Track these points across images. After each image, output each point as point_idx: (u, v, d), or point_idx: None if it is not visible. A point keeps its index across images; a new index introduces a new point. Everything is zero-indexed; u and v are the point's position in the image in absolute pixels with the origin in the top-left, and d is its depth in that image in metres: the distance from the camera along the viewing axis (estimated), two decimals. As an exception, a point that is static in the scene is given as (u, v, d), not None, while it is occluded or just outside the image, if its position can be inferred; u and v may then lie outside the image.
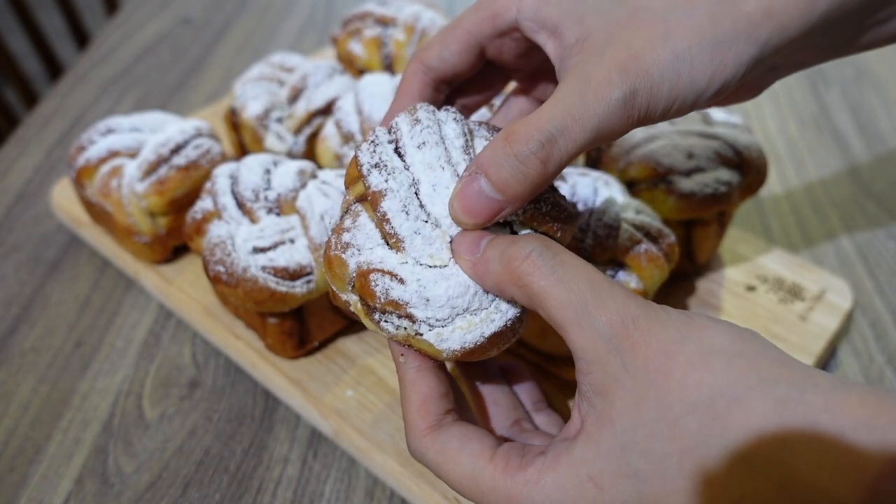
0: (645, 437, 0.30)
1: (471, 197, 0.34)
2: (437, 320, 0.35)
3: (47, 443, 0.57)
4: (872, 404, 0.28)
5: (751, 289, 0.65)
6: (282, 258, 0.54)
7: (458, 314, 0.35)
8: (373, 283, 0.35)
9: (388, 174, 0.36)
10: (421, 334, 0.35)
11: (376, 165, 0.36)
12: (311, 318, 0.58)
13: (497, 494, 0.32)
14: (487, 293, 0.35)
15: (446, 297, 0.34)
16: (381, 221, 0.36)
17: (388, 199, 0.35)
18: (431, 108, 0.39)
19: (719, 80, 0.35)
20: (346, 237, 0.37)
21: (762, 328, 0.61)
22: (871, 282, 0.71)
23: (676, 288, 0.65)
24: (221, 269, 0.54)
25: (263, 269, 0.54)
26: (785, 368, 0.29)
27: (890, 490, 0.26)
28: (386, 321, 0.36)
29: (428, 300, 0.34)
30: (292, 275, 0.54)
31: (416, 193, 0.36)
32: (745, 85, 0.42)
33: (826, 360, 0.63)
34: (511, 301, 0.36)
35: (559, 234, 0.37)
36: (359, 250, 0.36)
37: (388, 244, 0.36)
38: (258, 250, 0.55)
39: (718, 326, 0.31)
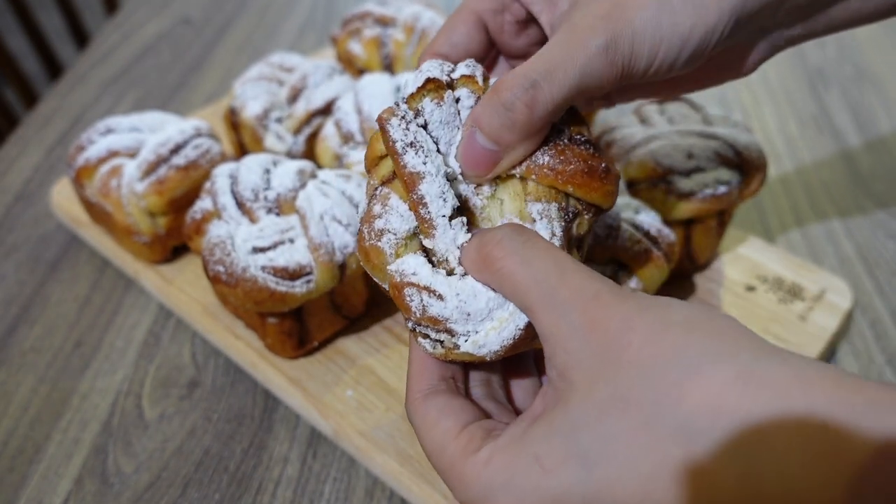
0: (596, 416, 0.28)
1: (469, 150, 0.35)
2: (475, 331, 0.35)
3: (47, 443, 0.57)
4: (850, 386, 0.25)
5: (750, 289, 0.65)
6: (281, 258, 0.54)
7: (488, 316, 0.35)
8: (408, 299, 0.34)
9: (426, 156, 0.35)
10: (458, 347, 0.35)
11: (411, 145, 0.35)
12: (310, 318, 0.58)
13: (453, 472, 0.32)
14: None
15: (487, 309, 0.34)
16: (417, 205, 0.35)
17: (427, 183, 0.35)
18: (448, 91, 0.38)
19: (702, 27, 0.35)
20: (378, 224, 0.36)
21: (762, 328, 0.61)
22: (870, 282, 0.71)
23: (676, 288, 0.65)
24: (221, 268, 0.54)
25: (263, 268, 0.53)
26: (751, 341, 0.27)
27: (880, 486, 0.23)
28: (423, 335, 0.36)
29: (469, 315, 0.34)
30: (292, 275, 0.54)
31: (447, 177, 0.36)
32: (733, 55, 0.42)
33: (826, 361, 0.63)
34: None
35: (570, 189, 0.36)
36: (395, 234, 0.35)
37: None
38: (258, 250, 0.55)
39: (681, 303, 0.29)
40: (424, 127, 0.36)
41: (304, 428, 0.57)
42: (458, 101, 0.38)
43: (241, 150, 0.76)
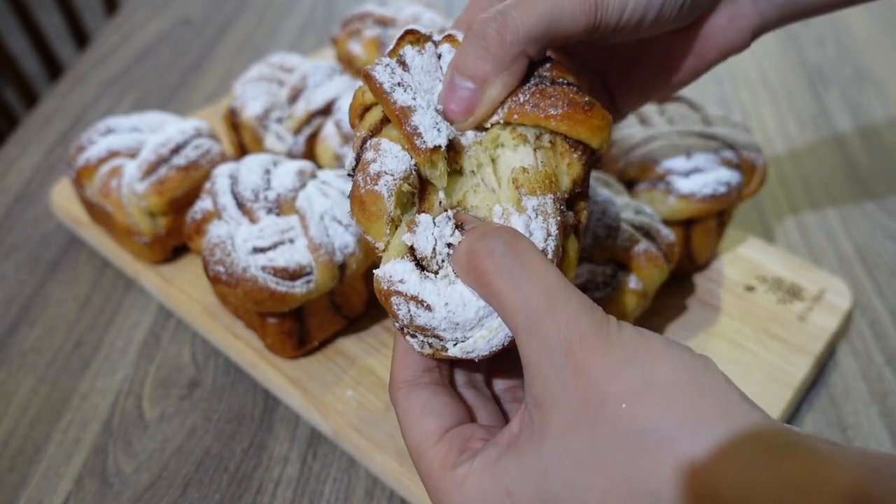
0: (570, 465, 0.28)
1: (449, 91, 0.36)
2: (464, 337, 0.34)
3: (47, 443, 0.57)
4: (823, 463, 0.25)
5: (750, 289, 0.65)
6: (281, 258, 0.54)
7: (478, 325, 0.34)
8: (395, 307, 0.34)
9: (414, 92, 0.35)
10: (447, 349, 0.35)
11: (399, 84, 0.35)
12: (310, 318, 0.58)
13: (430, 480, 0.33)
14: None
15: (477, 318, 0.33)
16: (412, 136, 0.34)
17: (419, 115, 0.34)
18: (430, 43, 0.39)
19: None
20: (373, 168, 0.35)
21: (761, 328, 0.62)
22: (870, 282, 0.71)
23: (676, 288, 0.65)
24: (221, 269, 0.54)
25: (263, 269, 0.54)
26: (731, 410, 0.27)
27: None
28: (411, 335, 0.36)
29: (458, 324, 0.33)
30: (292, 275, 0.54)
31: (440, 112, 0.36)
32: (724, 23, 0.42)
33: (825, 361, 0.63)
34: None
35: (552, 124, 0.36)
36: (392, 176, 0.34)
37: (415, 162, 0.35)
38: (258, 250, 0.55)
39: (669, 353, 0.29)
40: (409, 70, 0.37)
41: (304, 428, 0.57)
42: (440, 57, 0.38)
43: (242, 151, 0.76)
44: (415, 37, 0.37)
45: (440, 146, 0.34)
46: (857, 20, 1.14)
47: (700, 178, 0.60)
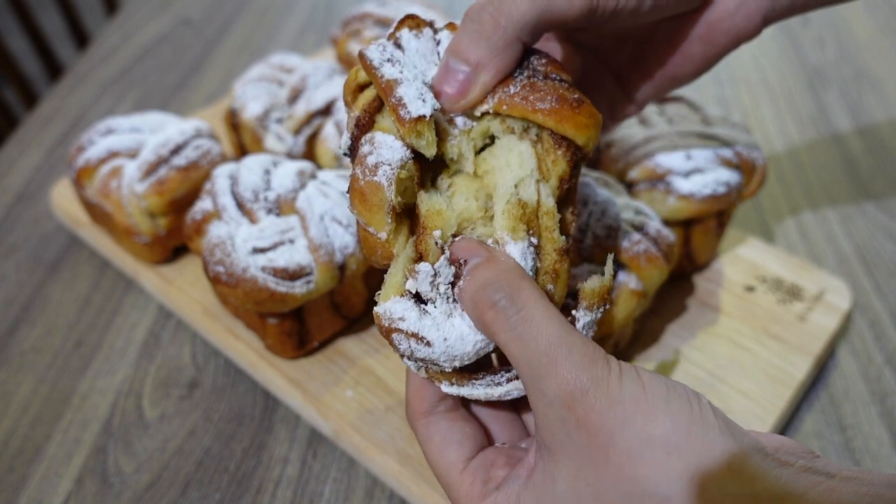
0: None
1: (443, 74, 0.36)
2: (464, 366, 0.36)
3: (47, 443, 0.57)
4: None
5: (750, 289, 0.65)
6: (281, 258, 0.54)
7: (475, 356, 0.36)
8: (396, 342, 0.35)
9: (402, 66, 0.36)
10: (444, 371, 0.37)
11: (388, 60, 0.36)
12: (310, 319, 0.58)
13: None
14: None
15: (475, 350, 0.35)
16: (396, 108, 0.35)
17: (404, 87, 0.35)
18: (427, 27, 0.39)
19: None
20: (371, 160, 0.36)
21: (761, 328, 0.62)
22: (869, 282, 0.71)
23: (676, 288, 0.65)
24: (221, 269, 0.54)
25: (263, 269, 0.54)
26: (727, 473, 0.29)
27: None
28: (410, 362, 0.37)
29: (456, 356, 0.35)
30: (292, 275, 0.54)
31: (428, 86, 0.36)
32: (735, 5, 0.42)
33: (825, 361, 0.63)
34: None
35: (539, 118, 0.36)
36: (389, 165, 0.35)
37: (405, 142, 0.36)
38: (258, 251, 0.55)
39: (668, 408, 0.30)
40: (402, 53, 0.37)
41: (304, 428, 0.57)
42: (438, 43, 0.39)
43: (242, 151, 0.76)
44: (414, 21, 0.38)
45: (424, 116, 0.34)
46: (857, 21, 1.14)
47: (700, 178, 0.60)
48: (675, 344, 0.61)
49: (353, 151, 0.38)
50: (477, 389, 0.36)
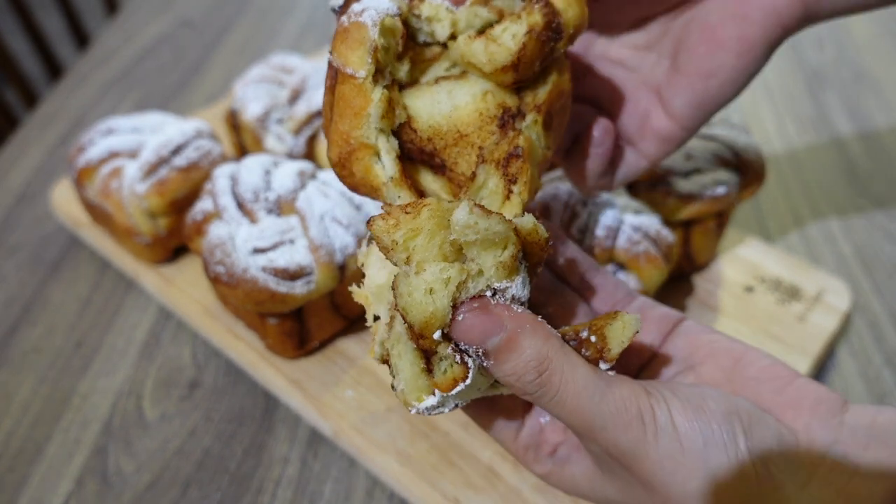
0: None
1: None
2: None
3: (47, 443, 0.57)
4: None
5: (749, 289, 0.65)
6: (282, 259, 0.54)
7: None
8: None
9: None
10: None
11: None
12: (310, 319, 0.58)
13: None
14: None
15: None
16: None
17: None
18: None
19: None
20: (357, 7, 0.35)
21: (760, 329, 0.62)
22: (868, 283, 0.71)
23: (675, 288, 0.65)
24: (221, 269, 0.54)
25: (263, 269, 0.54)
26: None
27: None
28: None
29: (458, 405, 0.36)
30: (292, 275, 0.54)
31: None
32: None
33: (824, 361, 0.63)
34: None
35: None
36: (376, 10, 0.35)
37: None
38: (258, 251, 0.55)
39: (706, 468, 0.32)
40: None
41: (304, 428, 0.58)
42: None
43: (242, 151, 0.76)
44: None
45: None
46: (856, 23, 1.14)
47: (699, 178, 0.60)
48: (674, 344, 0.61)
49: (343, 9, 0.37)
50: None
